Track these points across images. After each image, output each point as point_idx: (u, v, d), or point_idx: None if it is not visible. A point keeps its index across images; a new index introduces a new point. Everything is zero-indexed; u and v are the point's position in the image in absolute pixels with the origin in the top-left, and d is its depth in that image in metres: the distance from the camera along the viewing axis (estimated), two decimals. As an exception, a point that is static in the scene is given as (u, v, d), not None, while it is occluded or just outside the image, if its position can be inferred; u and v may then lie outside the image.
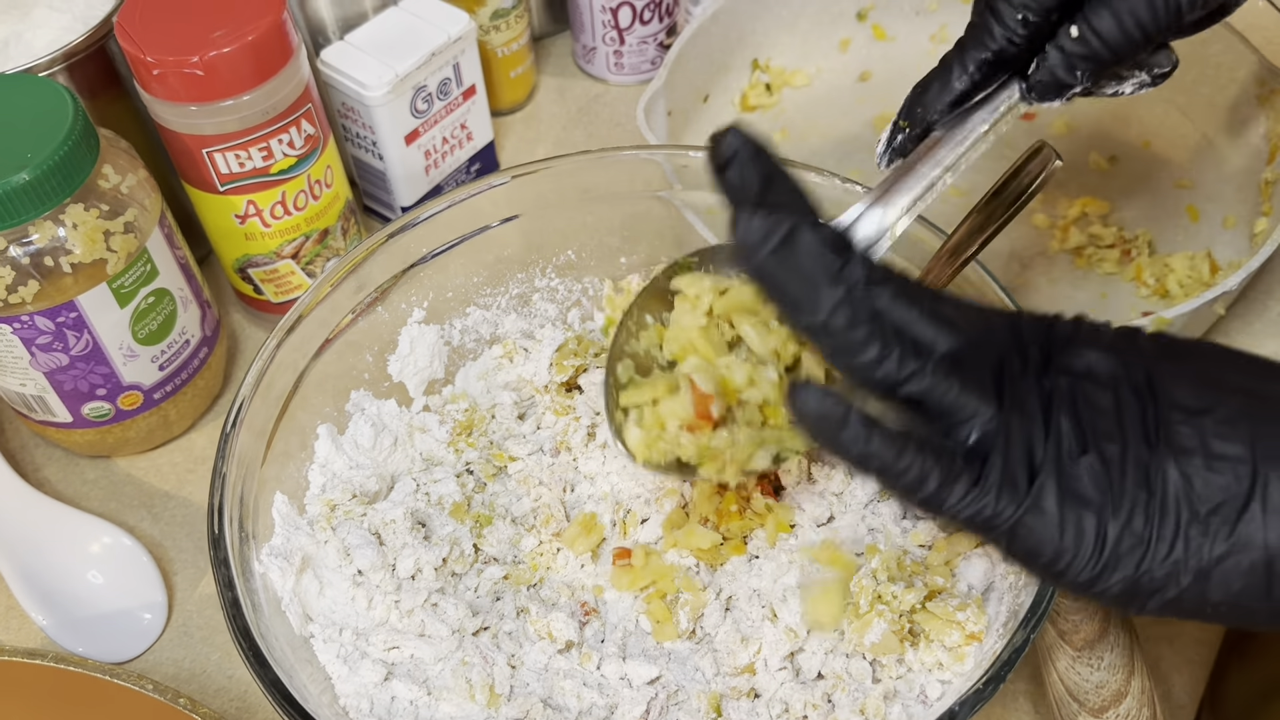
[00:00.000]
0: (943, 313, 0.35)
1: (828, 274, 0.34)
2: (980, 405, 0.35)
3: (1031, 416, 0.34)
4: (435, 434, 0.58)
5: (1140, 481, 0.34)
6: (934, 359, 0.35)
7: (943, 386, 0.35)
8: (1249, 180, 0.71)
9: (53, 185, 0.53)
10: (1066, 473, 0.34)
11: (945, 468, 0.34)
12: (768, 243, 0.34)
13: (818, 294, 0.34)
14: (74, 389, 0.60)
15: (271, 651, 0.45)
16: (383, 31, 0.70)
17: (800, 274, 0.34)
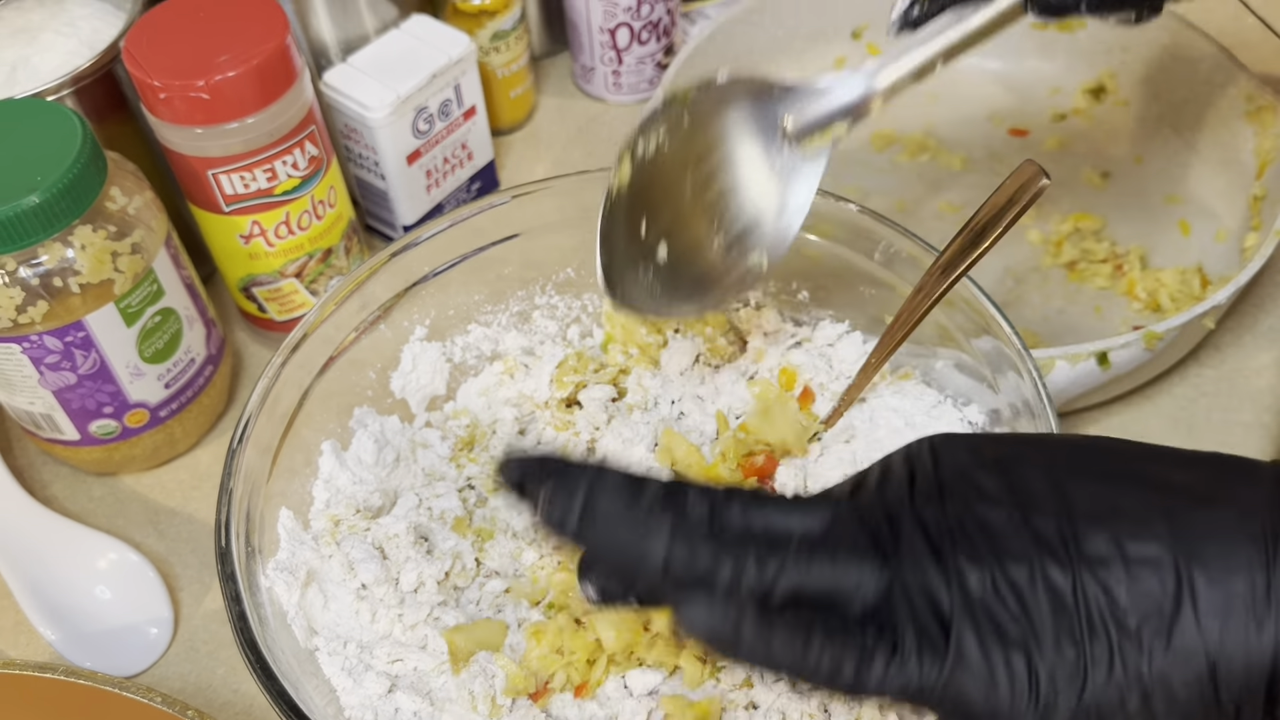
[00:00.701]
0: (780, 502, 0.34)
1: (640, 524, 0.33)
2: (863, 570, 0.32)
3: (922, 561, 0.32)
4: (437, 449, 0.59)
5: (1058, 605, 0.31)
6: (792, 546, 0.33)
7: (815, 568, 0.32)
8: (1239, 195, 0.72)
9: (61, 207, 0.54)
10: (979, 612, 0.31)
11: (856, 647, 0.32)
12: (570, 519, 0.34)
13: (644, 544, 0.33)
14: (81, 407, 0.61)
15: (278, 664, 0.45)
16: (384, 54, 0.71)
17: (618, 535, 0.33)
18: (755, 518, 0.33)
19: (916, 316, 0.52)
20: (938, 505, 0.33)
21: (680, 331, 0.61)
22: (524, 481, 0.35)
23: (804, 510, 0.33)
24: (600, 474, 0.34)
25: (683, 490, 0.34)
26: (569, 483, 0.34)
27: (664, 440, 0.56)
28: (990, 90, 0.84)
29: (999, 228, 0.50)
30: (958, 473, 0.33)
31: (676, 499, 0.34)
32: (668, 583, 0.33)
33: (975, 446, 0.34)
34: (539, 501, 0.34)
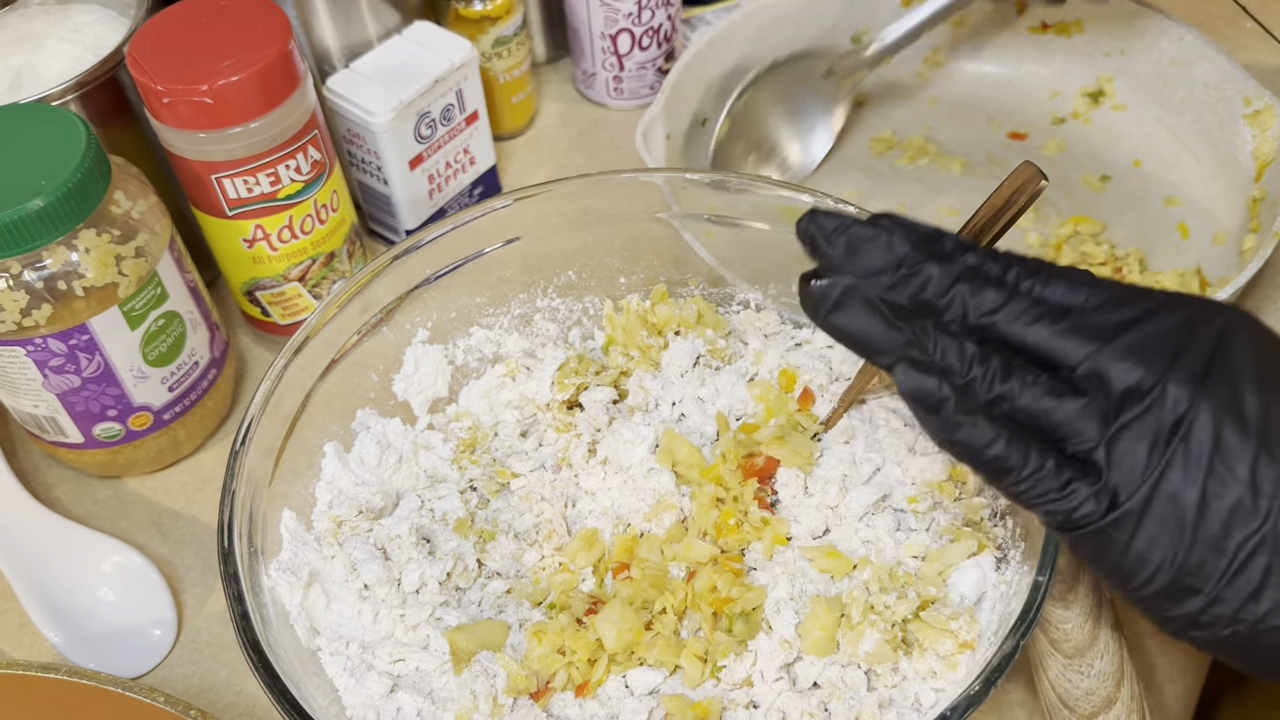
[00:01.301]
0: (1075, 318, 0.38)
1: (889, 321, 0.38)
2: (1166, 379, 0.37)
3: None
4: (439, 451, 0.59)
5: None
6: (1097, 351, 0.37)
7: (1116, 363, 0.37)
8: (1237, 197, 0.73)
9: (66, 211, 0.54)
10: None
11: (1059, 477, 0.38)
12: (825, 302, 0.39)
13: (885, 338, 0.38)
14: (85, 410, 0.61)
15: (280, 664, 0.46)
16: (387, 59, 0.71)
17: (863, 325, 0.39)
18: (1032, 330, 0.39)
19: (915, 317, 0.53)
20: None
21: (681, 334, 0.62)
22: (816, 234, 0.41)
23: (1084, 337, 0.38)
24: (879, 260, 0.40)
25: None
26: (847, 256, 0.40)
27: (665, 442, 0.57)
28: (989, 94, 0.84)
29: (997, 228, 0.50)
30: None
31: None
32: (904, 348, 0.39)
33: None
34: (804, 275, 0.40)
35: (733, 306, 0.63)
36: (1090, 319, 0.38)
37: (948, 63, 0.85)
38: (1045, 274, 0.39)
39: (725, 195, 0.60)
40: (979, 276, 0.39)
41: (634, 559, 0.54)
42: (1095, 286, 0.39)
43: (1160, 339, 0.37)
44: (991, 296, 0.38)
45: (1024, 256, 0.40)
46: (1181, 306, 0.38)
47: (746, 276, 0.62)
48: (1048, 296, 0.39)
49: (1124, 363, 0.37)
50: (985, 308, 0.38)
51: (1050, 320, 0.38)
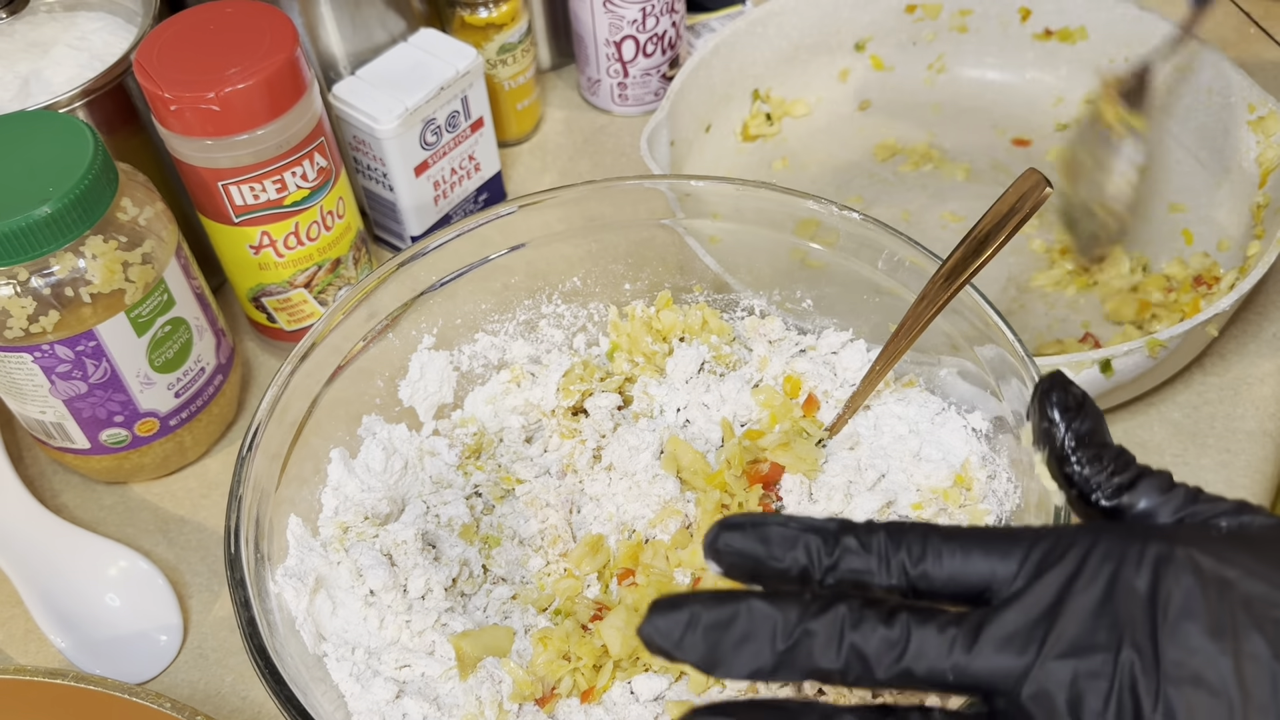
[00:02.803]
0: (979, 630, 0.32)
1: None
2: None
3: None
4: (445, 457, 0.59)
5: None
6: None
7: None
8: (1241, 204, 0.73)
9: (73, 218, 0.54)
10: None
11: None
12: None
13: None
14: (92, 416, 0.61)
15: (286, 669, 0.46)
16: (393, 66, 0.71)
17: None
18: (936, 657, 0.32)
19: (920, 324, 0.53)
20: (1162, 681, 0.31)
21: (686, 340, 0.62)
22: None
23: (997, 652, 0.32)
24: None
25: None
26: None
27: (669, 448, 0.57)
28: (993, 101, 0.84)
29: (1002, 235, 0.50)
30: (1188, 639, 0.31)
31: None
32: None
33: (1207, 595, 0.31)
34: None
35: (737, 312, 0.63)
36: (1008, 619, 0.32)
37: (951, 69, 0.85)
38: (933, 551, 0.33)
39: (729, 201, 0.60)
40: (863, 620, 0.32)
41: (639, 565, 0.54)
42: (994, 549, 0.33)
43: (1097, 621, 0.31)
44: (886, 638, 0.32)
45: (901, 530, 0.34)
46: (1101, 557, 0.32)
47: (751, 282, 0.62)
48: (946, 583, 0.33)
49: (1067, 674, 0.31)
50: (887, 659, 0.32)
51: (964, 644, 0.32)
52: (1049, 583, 0.32)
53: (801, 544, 0.33)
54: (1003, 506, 0.52)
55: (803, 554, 0.33)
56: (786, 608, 0.32)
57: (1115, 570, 0.32)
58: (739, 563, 0.34)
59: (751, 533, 0.34)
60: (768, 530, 0.34)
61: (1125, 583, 0.31)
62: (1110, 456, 0.35)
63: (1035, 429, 0.37)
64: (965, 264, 0.51)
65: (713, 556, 0.34)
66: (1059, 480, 0.36)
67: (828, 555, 0.33)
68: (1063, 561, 0.32)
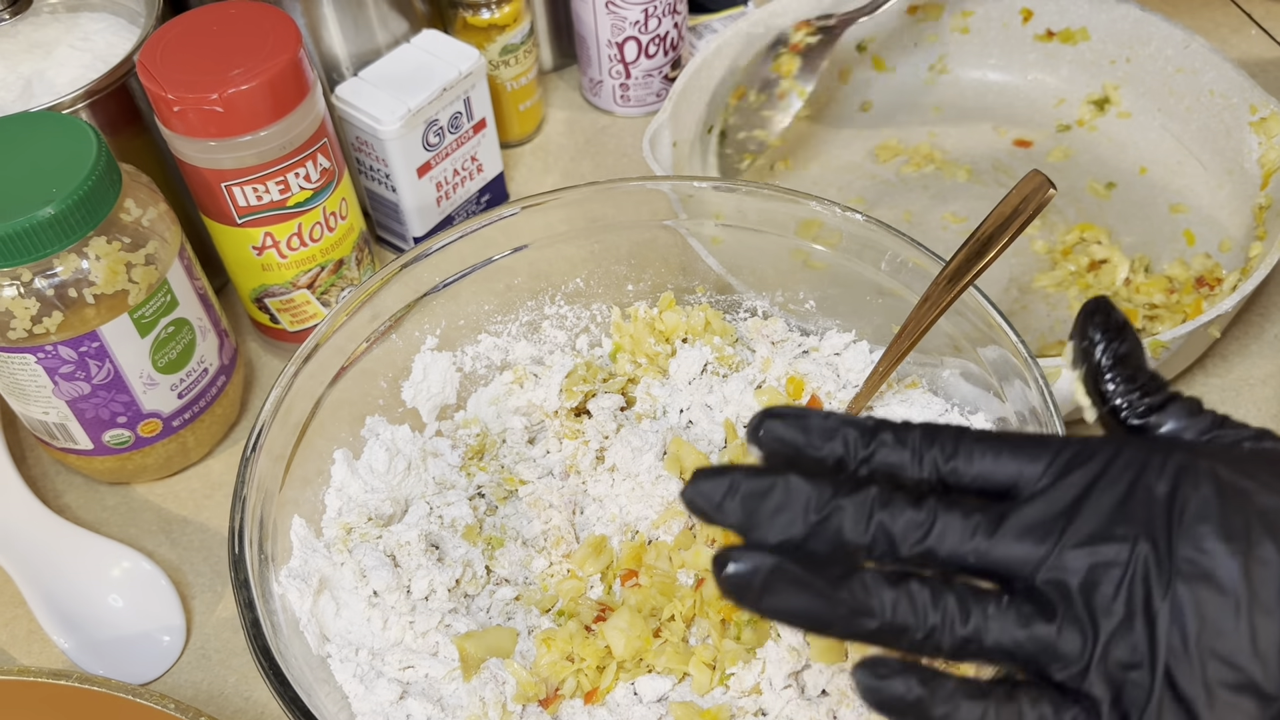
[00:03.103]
0: (1000, 527, 0.33)
1: (825, 593, 0.33)
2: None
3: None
4: (448, 458, 0.59)
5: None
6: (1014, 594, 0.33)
7: (1037, 631, 0.33)
8: (1243, 205, 0.73)
9: (77, 219, 0.54)
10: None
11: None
12: (749, 591, 0.33)
13: (828, 613, 0.33)
14: (95, 417, 0.61)
15: (290, 670, 0.46)
16: (395, 68, 0.71)
17: (800, 605, 0.33)
18: (958, 546, 0.33)
19: (923, 326, 0.53)
20: (1174, 581, 0.32)
21: (688, 341, 0.62)
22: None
23: (1017, 541, 0.33)
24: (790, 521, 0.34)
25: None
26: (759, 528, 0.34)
27: (673, 449, 0.57)
28: (995, 102, 0.84)
29: (1005, 237, 0.51)
30: (1202, 541, 0.33)
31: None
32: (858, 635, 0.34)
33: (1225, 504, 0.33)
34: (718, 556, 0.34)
35: (740, 314, 0.63)
36: (1030, 512, 0.33)
37: (953, 70, 0.86)
38: (965, 450, 0.35)
39: (732, 202, 0.60)
40: (892, 501, 0.34)
41: (642, 566, 0.54)
42: (1022, 451, 0.34)
43: (1115, 517, 0.33)
44: (913, 519, 0.33)
45: (936, 430, 0.35)
46: (1125, 463, 0.34)
47: (753, 284, 0.62)
48: (975, 479, 0.35)
49: (1084, 562, 0.33)
50: (912, 537, 0.34)
51: (987, 530, 0.33)
52: (1073, 482, 0.34)
53: (840, 435, 0.35)
54: (1006, 508, 0.52)
55: (840, 445, 0.35)
56: (821, 484, 0.34)
57: (1137, 474, 0.33)
58: (778, 449, 0.35)
59: (793, 422, 0.35)
60: (809, 420, 0.35)
61: (1146, 485, 0.33)
62: (1144, 379, 0.37)
63: (1075, 347, 0.39)
64: (968, 265, 0.51)
65: (753, 440, 0.35)
66: (1092, 396, 0.38)
67: (864, 447, 0.35)
68: (1088, 465, 0.34)
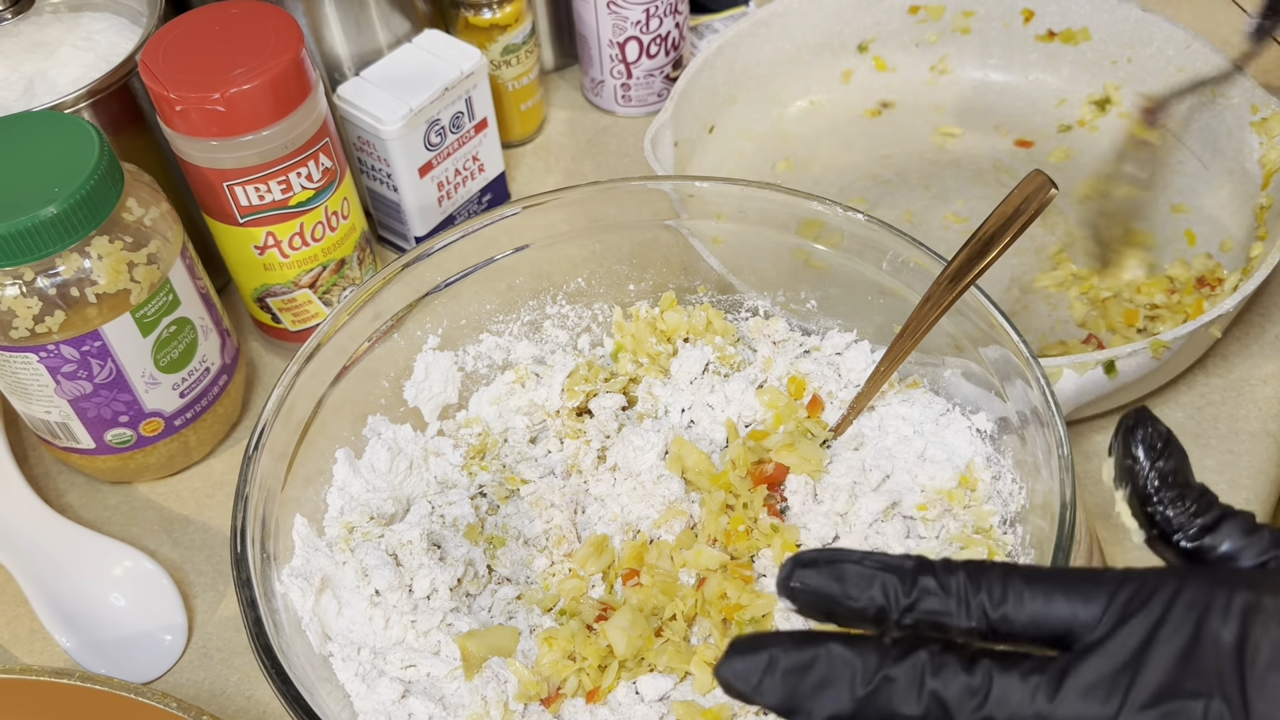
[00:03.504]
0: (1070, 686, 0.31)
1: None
2: None
3: None
4: (449, 458, 0.59)
5: None
6: None
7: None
8: (1244, 205, 0.73)
9: (79, 218, 0.54)
10: None
11: None
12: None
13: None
14: (97, 416, 0.61)
15: (293, 669, 0.46)
16: (397, 67, 0.71)
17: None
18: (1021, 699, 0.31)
19: (925, 325, 0.53)
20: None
21: (690, 340, 0.62)
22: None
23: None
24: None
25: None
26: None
27: (674, 448, 0.57)
28: (996, 102, 0.84)
29: (1007, 237, 0.50)
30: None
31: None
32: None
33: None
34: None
35: (741, 313, 0.63)
36: (1091, 667, 0.31)
37: (954, 70, 0.86)
38: (1015, 594, 0.32)
39: (733, 202, 0.60)
40: (945, 666, 0.32)
41: (644, 565, 0.54)
42: (1075, 592, 0.32)
43: (1182, 670, 0.31)
44: (968, 685, 0.31)
45: (981, 571, 0.33)
46: (1187, 604, 0.32)
47: (755, 283, 0.62)
48: (1026, 626, 0.32)
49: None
50: (969, 706, 0.31)
51: (1048, 692, 0.31)
52: (1133, 629, 0.31)
53: (878, 583, 0.33)
54: (1007, 507, 0.52)
55: (880, 593, 0.33)
56: (866, 653, 0.32)
57: (1201, 618, 0.31)
58: (814, 601, 0.33)
59: (826, 570, 0.33)
60: (843, 568, 0.33)
61: (1212, 632, 0.31)
62: (1194, 497, 0.35)
63: (1118, 465, 0.36)
64: (970, 265, 0.51)
65: (786, 594, 0.34)
66: (1140, 519, 0.36)
67: (905, 595, 0.33)
68: (1147, 608, 0.32)
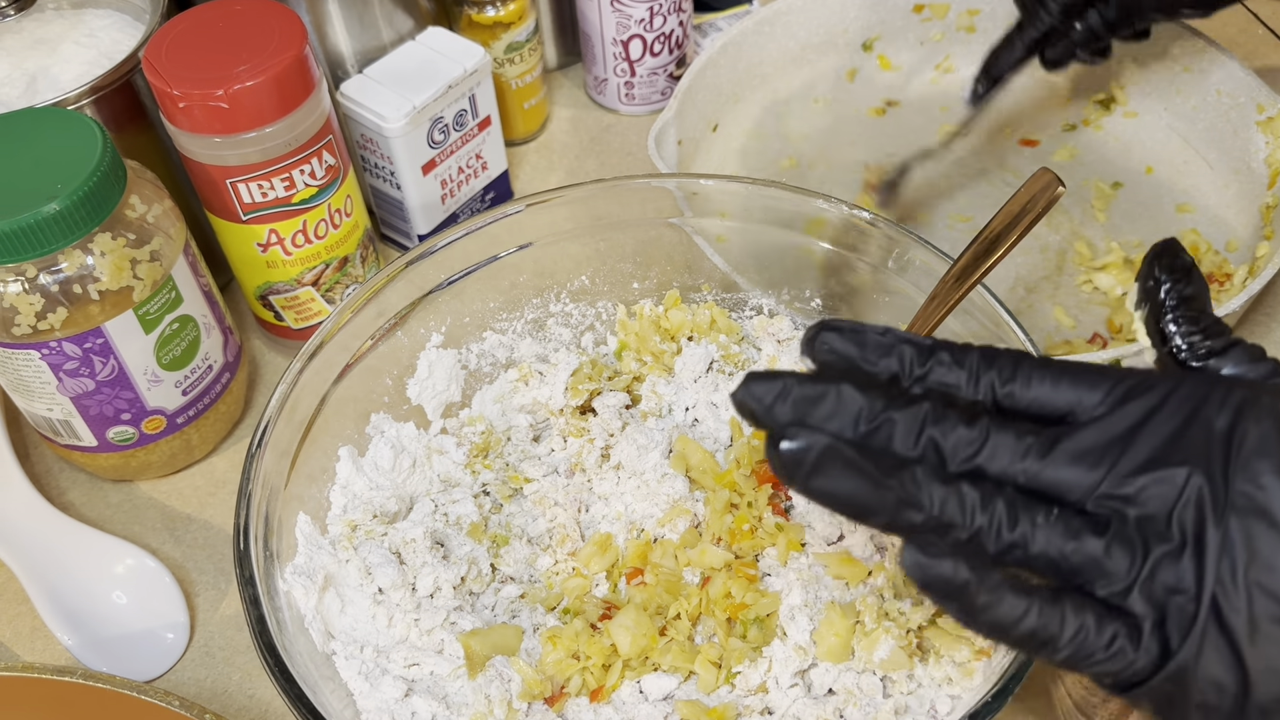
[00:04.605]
0: (1060, 443, 0.33)
1: (875, 480, 0.33)
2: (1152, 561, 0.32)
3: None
4: (453, 456, 0.59)
5: None
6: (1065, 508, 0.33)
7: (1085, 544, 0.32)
8: (1250, 205, 0.73)
9: (82, 215, 0.54)
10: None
11: (1103, 629, 0.32)
12: (800, 469, 0.33)
13: (875, 500, 0.33)
14: (99, 414, 0.61)
15: (296, 667, 0.46)
16: (401, 65, 0.71)
17: (848, 489, 0.33)
18: (1013, 456, 0.33)
19: (930, 325, 0.53)
20: (1232, 513, 0.32)
21: (694, 339, 0.62)
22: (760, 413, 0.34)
23: (1072, 465, 0.33)
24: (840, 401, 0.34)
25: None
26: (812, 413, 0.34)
27: (678, 447, 0.57)
28: (1001, 100, 0.84)
29: (1014, 235, 0.50)
30: (1261, 477, 0.32)
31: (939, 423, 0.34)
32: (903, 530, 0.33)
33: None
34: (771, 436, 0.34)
35: (745, 312, 0.63)
36: (1085, 437, 0.33)
37: (959, 69, 0.85)
38: (1025, 371, 0.34)
39: (738, 200, 0.60)
40: (945, 418, 0.33)
41: (648, 564, 0.54)
42: (1081, 379, 0.34)
43: (1170, 447, 0.33)
44: (965, 436, 0.33)
45: (993, 352, 0.35)
46: (1184, 396, 0.33)
47: (759, 282, 0.62)
48: (1030, 403, 0.34)
49: (1136, 488, 0.32)
50: (962, 454, 0.33)
51: (1039, 452, 0.33)
52: (1130, 411, 0.33)
53: (896, 352, 0.35)
54: (1013, 507, 0.52)
55: (895, 361, 0.35)
56: (874, 397, 0.34)
57: (1196, 407, 0.33)
58: (832, 361, 0.35)
59: (850, 336, 0.35)
60: (865, 335, 0.35)
61: (1205, 418, 0.33)
62: (1207, 322, 0.37)
63: (1140, 288, 0.39)
64: (976, 264, 0.51)
65: (808, 352, 0.35)
66: (1153, 337, 0.38)
67: (920, 365, 0.35)
68: (1146, 395, 0.34)
